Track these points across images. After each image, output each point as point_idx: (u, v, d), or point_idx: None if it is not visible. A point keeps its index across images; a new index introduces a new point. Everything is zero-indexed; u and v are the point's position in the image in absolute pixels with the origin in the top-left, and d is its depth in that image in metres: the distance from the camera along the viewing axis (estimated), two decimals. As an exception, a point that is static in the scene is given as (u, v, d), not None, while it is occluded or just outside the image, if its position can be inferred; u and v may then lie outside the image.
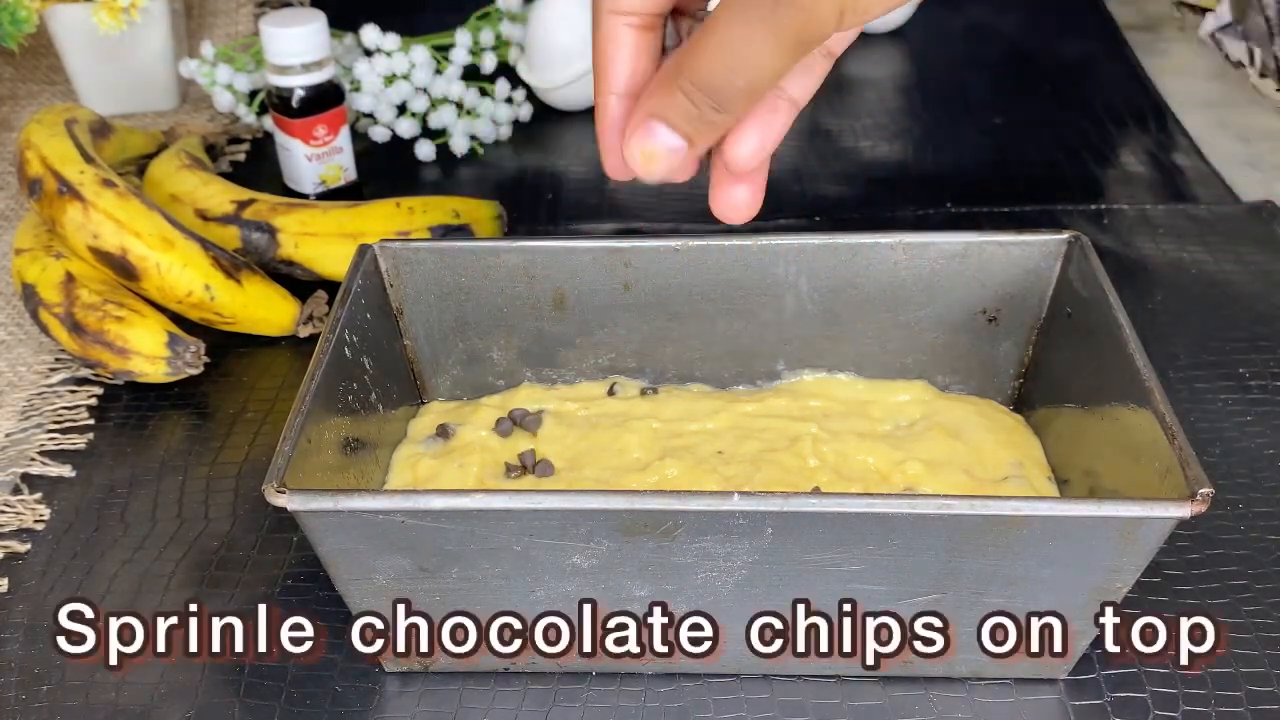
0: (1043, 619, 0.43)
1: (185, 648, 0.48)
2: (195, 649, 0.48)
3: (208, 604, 0.50)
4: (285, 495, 0.41)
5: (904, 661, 0.45)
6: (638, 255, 0.54)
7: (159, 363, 0.61)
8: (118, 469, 0.58)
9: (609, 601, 0.44)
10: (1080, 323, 0.51)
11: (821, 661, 0.45)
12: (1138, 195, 0.75)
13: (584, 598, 0.43)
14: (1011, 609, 0.43)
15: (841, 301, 0.54)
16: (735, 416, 0.53)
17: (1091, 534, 0.41)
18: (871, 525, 0.41)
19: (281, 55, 0.72)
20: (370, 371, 0.51)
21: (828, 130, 0.85)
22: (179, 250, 0.62)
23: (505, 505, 0.41)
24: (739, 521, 0.41)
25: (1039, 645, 0.44)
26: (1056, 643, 0.44)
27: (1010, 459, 0.51)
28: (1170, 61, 0.93)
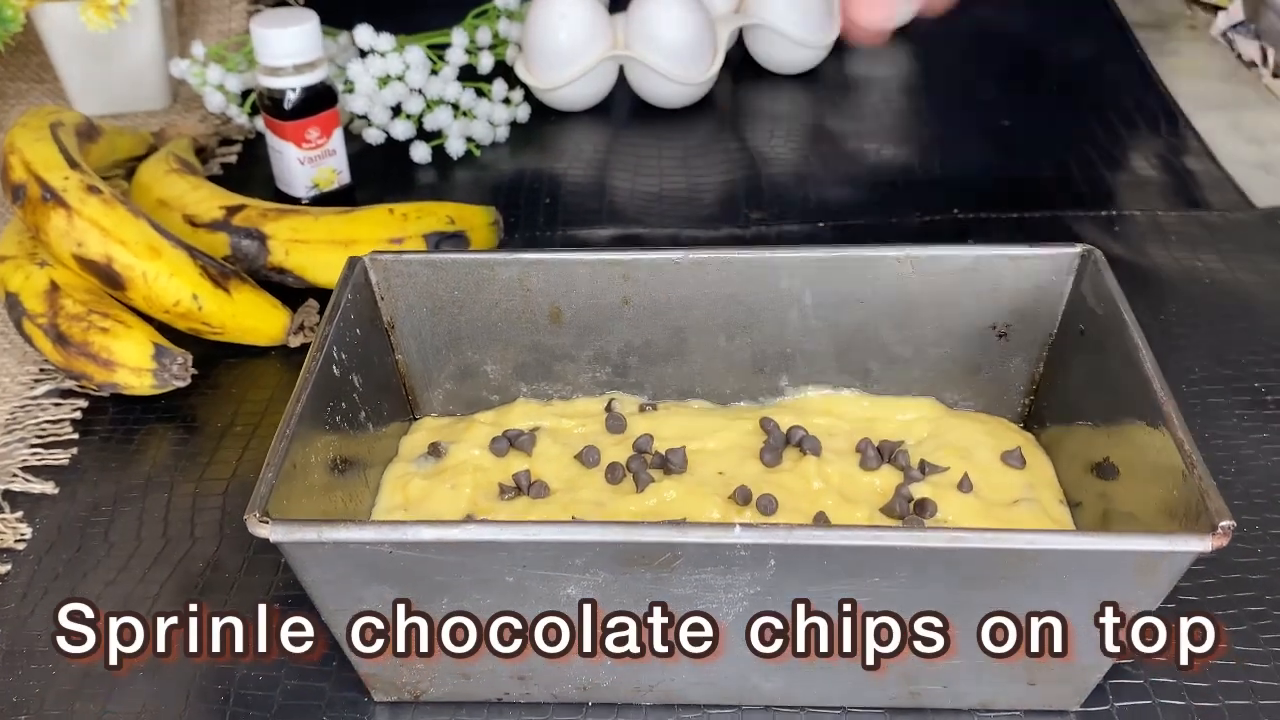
0: (1055, 653, 0.42)
1: (186, 646, 0.48)
2: (195, 648, 0.48)
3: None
4: (268, 526, 0.39)
5: (903, 661, 0.43)
6: (637, 268, 0.52)
7: (145, 375, 0.59)
8: (102, 485, 0.56)
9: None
10: (1093, 340, 0.50)
11: (823, 661, 0.43)
12: (1149, 200, 0.74)
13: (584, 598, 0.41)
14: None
15: (847, 316, 0.53)
16: (736, 435, 0.52)
17: (1108, 567, 0.39)
18: (879, 557, 0.39)
19: (273, 56, 0.70)
20: (360, 389, 0.50)
21: (832, 132, 0.83)
22: (165, 259, 0.61)
23: (497, 537, 0.39)
24: (740, 553, 0.39)
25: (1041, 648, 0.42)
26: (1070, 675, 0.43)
27: (1021, 480, 0.50)
28: (1182, 61, 0.91)
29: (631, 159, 0.80)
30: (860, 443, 0.51)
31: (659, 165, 0.80)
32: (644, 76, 0.83)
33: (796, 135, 0.83)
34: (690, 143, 0.82)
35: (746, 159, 0.80)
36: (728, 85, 0.88)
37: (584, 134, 0.84)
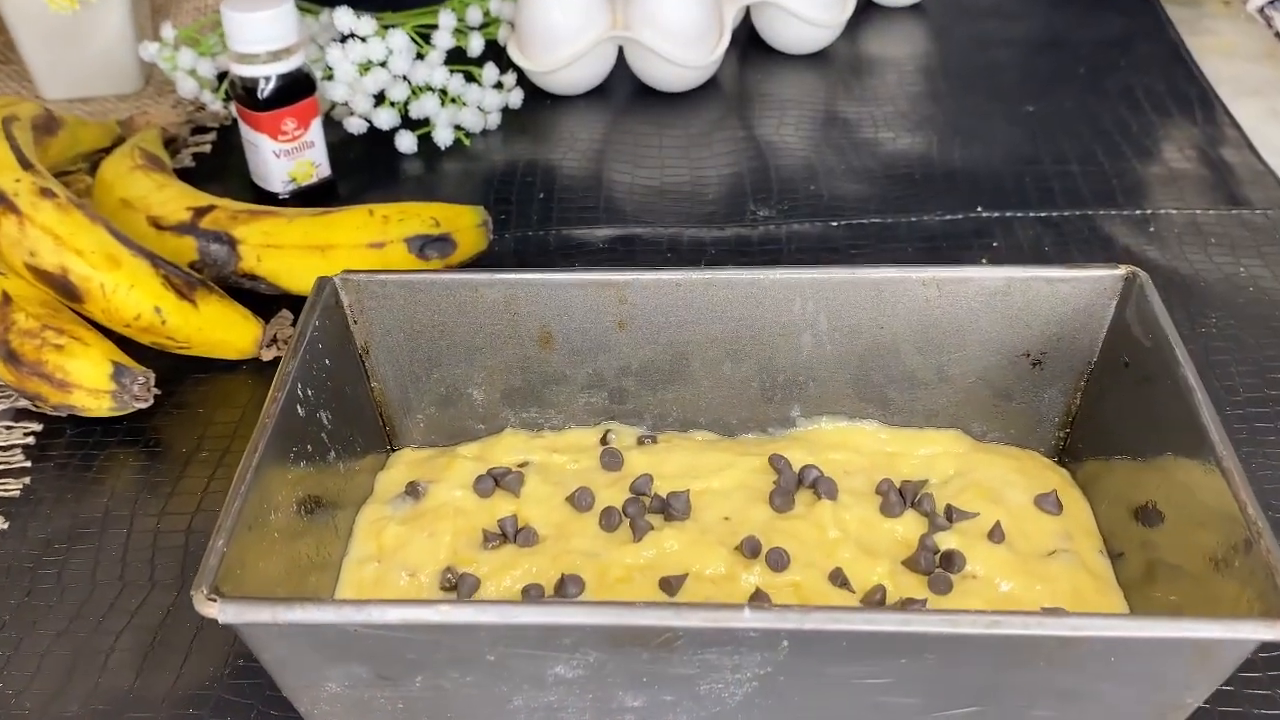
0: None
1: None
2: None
3: (147, 692, 0.44)
4: (216, 605, 0.35)
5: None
6: (634, 290, 0.48)
7: (103, 397, 0.55)
8: (56, 519, 0.52)
9: (597, 713, 0.38)
10: (1138, 372, 0.45)
11: None
12: (1186, 197, 0.69)
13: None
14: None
15: (865, 342, 0.48)
16: (743, 473, 0.47)
17: (1161, 653, 0.35)
18: (905, 641, 0.35)
19: (245, 42, 0.65)
20: (329, 426, 0.45)
21: (845, 118, 0.78)
22: (125, 269, 0.56)
23: (473, 619, 0.35)
24: (750, 634, 0.35)
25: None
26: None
27: (1057, 528, 0.45)
28: (1217, 40, 0.85)
29: (631, 148, 0.76)
30: (881, 484, 0.47)
31: (660, 155, 0.75)
32: (645, 59, 0.78)
33: (807, 122, 0.78)
34: (694, 130, 0.77)
35: (753, 148, 0.75)
36: (734, 67, 0.83)
37: (581, 120, 0.79)
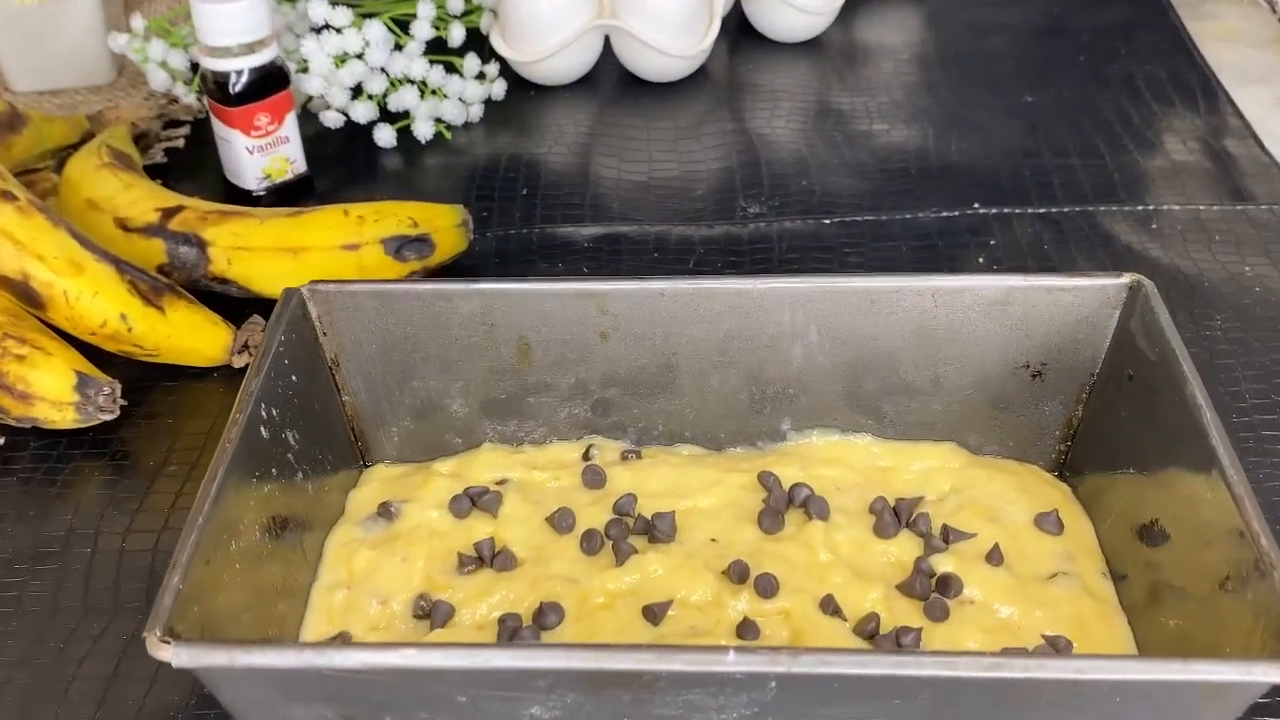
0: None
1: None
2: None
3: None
4: (170, 648, 0.33)
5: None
6: (615, 300, 0.45)
7: (66, 409, 0.52)
8: (18, 538, 0.50)
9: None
10: (1143, 385, 0.43)
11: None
12: (1188, 192, 0.67)
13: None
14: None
15: (858, 353, 0.46)
16: (731, 491, 0.45)
17: (1169, 695, 0.33)
18: (899, 684, 0.33)
19: (216, 35, 0.63)
20: (296, 446, 0.43)
21: (839, 110, 0.76)
22: (89, 275, 0.54)
23: (440, 664, 0.33)
24: (735, 676, 0.33)
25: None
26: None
27: (1058, 549, 0.43)
28: (1219, 25, 0.83)
29: (618, 141, 0.73)
30: (875, 502, 0.45)
31: (648, 148, 0.73)
32: (632, 48, 0.76)
33: (799, 114, 0.75)
34: (682, 121, 0.75)
35: (744, 141, 0.73)
36: (724, 56, 0.81)
37: (566, 112, 0.76)
